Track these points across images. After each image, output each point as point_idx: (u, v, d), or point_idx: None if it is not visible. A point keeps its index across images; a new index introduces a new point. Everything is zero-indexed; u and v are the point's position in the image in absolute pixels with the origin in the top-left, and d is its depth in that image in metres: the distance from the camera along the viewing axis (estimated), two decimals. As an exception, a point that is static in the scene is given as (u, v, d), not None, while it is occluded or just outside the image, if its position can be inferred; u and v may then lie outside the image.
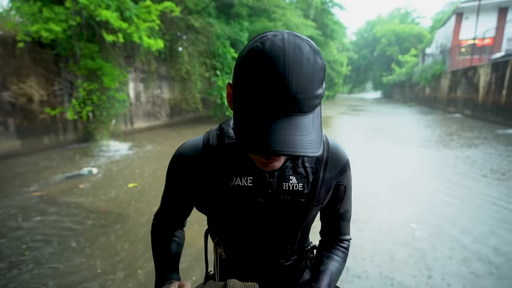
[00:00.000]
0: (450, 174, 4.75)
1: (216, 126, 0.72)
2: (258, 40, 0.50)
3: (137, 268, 2.31)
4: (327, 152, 0.70)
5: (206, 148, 0.68)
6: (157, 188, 4.14)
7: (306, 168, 0.68)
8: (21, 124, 5.90)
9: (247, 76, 0.49)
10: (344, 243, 0.82)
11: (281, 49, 0.47)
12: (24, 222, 3.06)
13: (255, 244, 0.74)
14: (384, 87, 35.56)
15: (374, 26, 36.25)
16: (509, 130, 8.71)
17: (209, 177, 0.68)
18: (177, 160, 0.71)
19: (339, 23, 19.49)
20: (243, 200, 0.68)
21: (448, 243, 2.67)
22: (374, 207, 3.47)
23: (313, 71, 0.48)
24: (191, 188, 0.72)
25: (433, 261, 2.39)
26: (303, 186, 0.68)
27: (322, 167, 0.69)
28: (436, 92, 18.04)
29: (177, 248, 0.79)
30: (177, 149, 0.72)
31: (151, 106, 9.67)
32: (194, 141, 0.70)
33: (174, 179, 0.73)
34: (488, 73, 11.09)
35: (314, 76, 0.49)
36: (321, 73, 0.50)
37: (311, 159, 0.69)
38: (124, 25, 5.99)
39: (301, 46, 0.48)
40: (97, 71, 6.35)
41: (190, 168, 0.69)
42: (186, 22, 9.08)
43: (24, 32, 5.40)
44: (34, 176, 4.61)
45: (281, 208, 0.69)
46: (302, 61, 0.47)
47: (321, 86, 0.51)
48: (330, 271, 0.75)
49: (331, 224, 0.81)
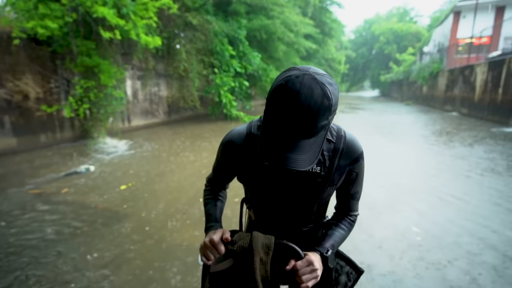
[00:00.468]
0: (447, 173, 4.78)
1: (257, 118, 0.93)
2: (284, 79, 0.67)
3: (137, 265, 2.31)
4: (343, 144, 0.87)
5: (248, 135, 0.90)
6: (151, 188, 4.13)
7: (324, 156, 0.86)
8: (17, 121, 5.86)
9: (271, 106, 0.69)
10: (352, 217, 1.00)
11: (297, 92, 0.65)
12: (19, 220, 3.04)
13: (278, 211, 0.95)
14: (382, 85, 35.61)
15: (372, 25, 36.24)
16: (505, 129, 8.76)
17: (249, 158, 0.89)
18: (226, 144, 0.93)
19: (337, 21, 19.47)
20: (272, 177, 0.88)
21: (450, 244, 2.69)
22: (375, 211, 3.49)
23: (319, 111, 0.66)
24: (235, 165, 0.95)
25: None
26: (321, 169, 0.86)
27: (337, 155, 0.87)
28: (433, 90, 18.10)
29: (220, 204, 1.06)
30: (226, 135, 0.94)
31: (148, 104, 9.63)
32: (240, 129, 0.92)
33: (223, 157, 0.96)
34: (485, 72, 11.14)
35: (319, 114, 0.66)
36: (326, 111, 0.67)
37: (329, 147, 0.87)
38: (121, 22, 5.94)
39: (313, 90, 0.65)
40: (94, 68, 6.30)
41: (235, 150, 0.91)
42: (184, 19, 9.04)
43: (20, 29, 5.34)
44: (31, 174, 4.59)
45: (301, 185, 0.88)
46: (311, 103, 0.64)
47: (326, 119, 0.68)
48: (335, 235, 0.94)
49: (343, 201, 0.99)
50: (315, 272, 0.81)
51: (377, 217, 3.20)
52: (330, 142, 0.87)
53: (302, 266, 0.81)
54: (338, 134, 0.88)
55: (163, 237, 2.75)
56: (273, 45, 12.33)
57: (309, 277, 0.81)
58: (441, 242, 2.66)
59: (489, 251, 2.51)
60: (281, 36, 11.91)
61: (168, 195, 3.81)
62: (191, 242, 2.66)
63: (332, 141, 0.87)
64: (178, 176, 4.59)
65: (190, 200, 3.62)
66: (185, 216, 3.20)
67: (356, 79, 40.79)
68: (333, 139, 0.87)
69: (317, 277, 0.82)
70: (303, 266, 0.81)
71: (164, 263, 2.34)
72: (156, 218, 3.13)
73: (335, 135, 0.88)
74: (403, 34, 31.06)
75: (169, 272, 2.24)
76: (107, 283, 2.11)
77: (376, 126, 10.14)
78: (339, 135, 0.88)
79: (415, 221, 3.07)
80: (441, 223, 3.04)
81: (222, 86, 9.79)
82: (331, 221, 1.01)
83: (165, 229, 2.90)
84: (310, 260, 0.82)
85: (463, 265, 2.32)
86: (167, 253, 2.48)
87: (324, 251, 0.88)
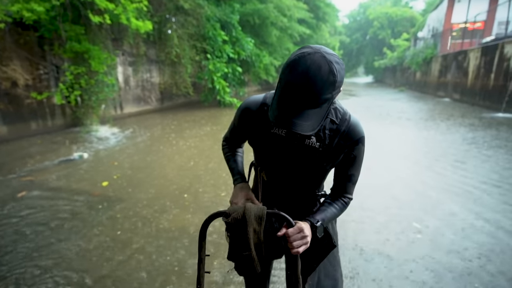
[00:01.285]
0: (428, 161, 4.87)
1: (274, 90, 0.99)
2: (298, 55, 0.76)
3: (135, 249, 2.35)
4: (346, 127, 0.94)
5: (262, 104, 0.99)
6: (143, 175, 4.14)
7: (326, 134, 0.94)
8: (6, 109, 5.74)
9: (284, 77, 0.77)
10: (346, 199, 1.04)
11: (307, 67, 0.73)
12: (14, 208, 3.04)
13: (282, 175, 1.05)
14: (376, 71, 35.56)
15: (367, 9, 35.81)
16: (495, 114, 8.90)
17: (260, 124, 0.99)
18: (244, 110, 1.03)
19: (331, 5, 19.21)
20: (276, 144, 0.98)
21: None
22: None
23: (324, 85, 0.74)
24: (248, 129, 1.05)
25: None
26: (320, 145, 0.94)
27: (338, 136, 0.94)
28: (426, 76, 18.15)
29: (240, 159, 1.21)
30: (244, 101, 1.04)
31: (140, 91, 9.50)
32: (257, 98, 1.02)
33: (239, 122, 1.07)
34: (478, 57, 11.19)
35: (324, 88, 0.74)
36: (331, 86, 0.75)
37: (331, 128, 0.94)
38: (110, 5, 5.78)
39: (321, 66, 0.73)
40: (84, 54, 6.16)
41: (250, 116, 1.01)
42: (175, 3, 8.80)
43: (4, 12, 5.16)
44: (23, 161, 4.54)
45: (301, 156, 0.97)
46: (317, 77, 0.73)
47: (330, 93, 0.76)
48: (326, 211, 0.99)
49: (340, 182, 1.03)
50: (305, 238, 0.88)
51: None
52: (334, 123, 0.93)
53: (293, 233, 0.87)
54: (343, 117, 0.94)
55: (157, 219, 2.78)
56: (266, 30, 12.15)
57: (299, 243, 0.87)
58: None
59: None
60: (274, 21, 11.73)
61: (160, 180, 3.83)
62: (184, 225, 2.70)
63: (335, 123, 0.93)
64: (172, 163, 4.60)
65: (182, 187, 3.65)
66: (175, 203, 3.23)
67: (350, 65, 40.57)
68: (337, 120, 0.94)
69: (307, 243, 0.88)
70: (294, 232, 0.87)
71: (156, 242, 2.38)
72: (149, 203, 3.15)
73: (340, 118, 0.94)
74: (397, 19, 30.80)
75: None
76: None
77: (370, 115, 10.19)
78: (343, 118, 0.94)
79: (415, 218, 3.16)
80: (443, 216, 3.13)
81: (215, 72, 9.68)
82: (325, 199, 1.07)
83: (158, 212, 2.93)
84: (300, 228, 0.88)
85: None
86: (157, 236, 2.52)
87: (315, 222, 0.94)
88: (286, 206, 1.10)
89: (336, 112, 0.94)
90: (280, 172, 1.05)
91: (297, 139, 0.95)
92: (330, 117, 0.93)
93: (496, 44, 9.92)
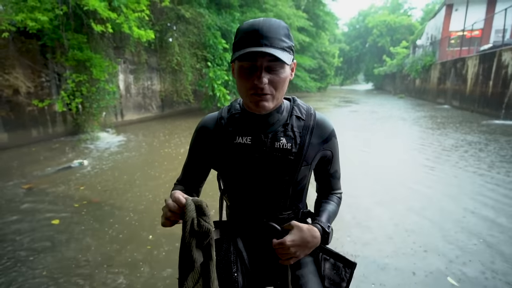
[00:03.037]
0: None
1: (228, 104, 0.96)
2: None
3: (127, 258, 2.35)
4: (313, 122, 0.89)
5: (219, 118, 0.92)
6: (143, 183, 4.15)
7: (295, 132, 0.87)
8: (8, 116, 5.78)
9: (238, 30, 0.78)
10: (337, 194, 1.01)
11: (258, 19, 0.76)
12: (13, 215, 3.04)
13: (253, 194, 0.91)
14: (376, 78, 35.79)
15: (366, 17, 36.21)
16: (494, 121, 8.92)
17: (220, 138, 0.90)
18: (199, 129, 0.95)
19: (330, 13, 19.41)
20: (243, 155, 0.87)
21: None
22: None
23: (279, 26, 0.75)
24: (207, 150, 0.94)
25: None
26: (292, 146, 0.85)
27: (308, 132, 0.87)
28: (426, 83, 18.26)
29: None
30: (200, 122, 0.97)
31: (141, 98, 9.56)
32: (211, 115, 0.95)
33: (196, 144, 0.96)
34: (476, 64, 11.28)
35: (279, 28, 0.75)
36: (285, 29, 0.76)
37: (299, 125, 0.87)
38: (112, 15, 5.87)
39: (272, 19, 0.76)
40: (85, 62, 6.22)
41: (207, 134, 0.93)
42: (176, 12, 8.93)
43: (9, 22, 5.25)
44: (23, 169, 4.56)
45: (274, 163, 0.86)
46: (271, 21, 0.75)
47: (287, 37, 0.76)
48: (328, 210, 0.94)
49: (324, 182, 1.00)
50: (289, 249, 0.82)
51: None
52: (300, 119, 0.88)
53: (292, 242, 0.82)
54: (308, 112, 0.90)
55: (152, 226, 2.78)
56: (266, 38, 12.25)
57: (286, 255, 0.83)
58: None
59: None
60: (274, 29, 11.83)
61: (161, 189, 3.83)
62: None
63: (302, 119, 0.88)
64: (172, 172, 4.61)
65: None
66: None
67: (350, 72, 40.85)
68: (302, 116, 0.89)
69: (294, 253, 0.83)
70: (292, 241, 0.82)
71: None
72: (147, 209, 3.16)
73: (305, 113, 0.90)
74: (396, 26, 31.14)
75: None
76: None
77: (371, 124, 10.21)
78: (308, 113, 0.90)
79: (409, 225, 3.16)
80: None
81: (216, 80, 9.75)
82: (317, 201, 1.02)
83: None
84: (284, 240, 0.82)
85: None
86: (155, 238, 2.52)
87: (326, 226, 0.87)
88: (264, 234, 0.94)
89: (299, 108, 0.90)
90: (253, 190, 0.90)
91: (264, 143, 0.86)
92: (295, 114, 0.88)
93: (494, 51, 10.01)
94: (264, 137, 0.86)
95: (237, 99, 0.96)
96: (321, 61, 21.14)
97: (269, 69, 0.76)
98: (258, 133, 0.87)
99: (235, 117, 0.91)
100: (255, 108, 0.81)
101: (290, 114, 0.88)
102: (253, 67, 0.76)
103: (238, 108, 0.92)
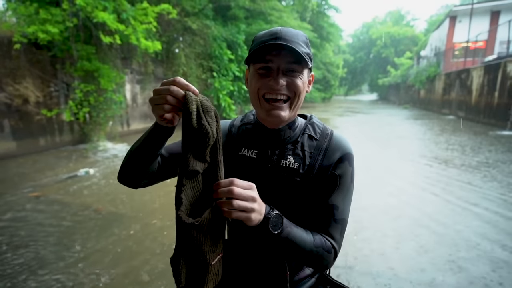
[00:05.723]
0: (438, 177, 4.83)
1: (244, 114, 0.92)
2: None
3: (132, 266, 2.34)
4: (328, 142, 0.78)
5: (230, 126, 0.88)
6: (148, 191, 4.16)
7: (305, 152, 0.77)
8: (17, 125, 5.89)
9: (255, 37, 0.75)
10: (328, 241, 0.73)
11: (277, 27, 0.74)
12: (20, 222, 3.07)
13: None
14: (380, 89, 35.82)
15: (370, 29, 36.55)
16: (501, 132, 8.85)
17: (226, 146, 0.83)
18: None
19: (335, 25, 19.65)
20: (246, 169, 0.79)
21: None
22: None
23: (298, 33, 0.72)
24: None
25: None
26: (299, 166, 0.75)
27: (320, 154, 0.76)
28: (430, 94, 18.23)
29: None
30: None
31: (147, 108, 9.67)
32: (225, 121, 0.89)
33: None
34: (481, 75, 11.26)
35: (299, 35, 0.72)
36: (304, 37, 0.73)
37: (310, 144, 0.78)
38: (121, 27, 6.01)
39: (290, 28, 0.74)
40: (94, 72, 6.36)
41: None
42: (183, 24, 9.12)
43: (21, 33, 5.40)
44: (31, 177, 4.61)
45: (277, 183, 0.76)
46: (290, 28, 0.73)
47: (306, 45, 0.73)
48: (301, 229, 0.70)
49: (317, 216, 0.76)
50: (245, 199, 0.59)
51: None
52: (313, 139, 0.78)
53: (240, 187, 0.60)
54: (323, 132, 0.80)
55: (149, 232, 2.78)
56: (271, 49, 12.40)
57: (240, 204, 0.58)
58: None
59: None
60: (279, 40, 11.98)
61: (167, 198, 3.84)
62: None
63: (315, 139, 0.78)
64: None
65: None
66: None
67: (354, 83, 40.98)
68: (316, 136, 0.79)
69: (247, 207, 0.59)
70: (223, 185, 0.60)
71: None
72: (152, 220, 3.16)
73: (319, 133, 0.80)
74: (399, 38, 31.34)
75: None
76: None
77: (377, 135, 10.18)
78: (324, 133, 0.80)
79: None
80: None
81: (221, 90, 9.86)
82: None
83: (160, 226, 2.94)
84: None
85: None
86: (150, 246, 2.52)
87: (270, 208, 0.65)
88: (257, 269, 0.81)
89: (314, 127, 0.81)
90: None
91: (270, 160, 0.77)
92: (308, 132, 0.79)
93: (498, 62, 10.00)
94: (271, 153, 0.78)
95: (252, 110, 0.90)
96: (325, 72, 21.27)
97: (286, 71, 0.71)
98: (265, 148, 0.79)
99: (246, 127, 0.85)
100: (266, 118, 0.74)
101: (302, 133, 0.80)
102: (269, 69, 0.71)
103: (252, 119, 0.86)
